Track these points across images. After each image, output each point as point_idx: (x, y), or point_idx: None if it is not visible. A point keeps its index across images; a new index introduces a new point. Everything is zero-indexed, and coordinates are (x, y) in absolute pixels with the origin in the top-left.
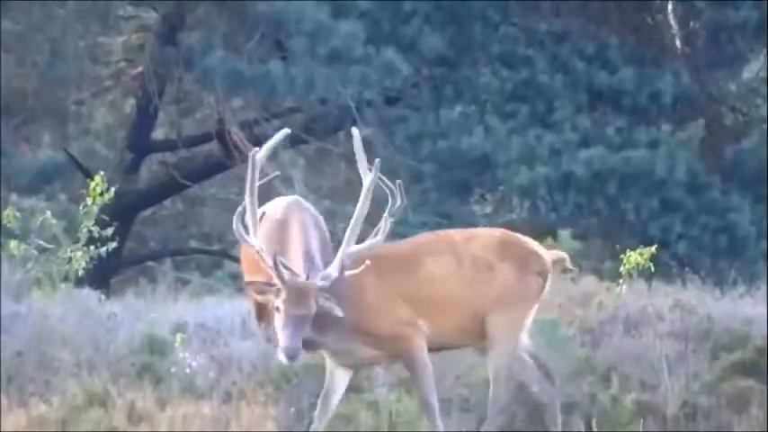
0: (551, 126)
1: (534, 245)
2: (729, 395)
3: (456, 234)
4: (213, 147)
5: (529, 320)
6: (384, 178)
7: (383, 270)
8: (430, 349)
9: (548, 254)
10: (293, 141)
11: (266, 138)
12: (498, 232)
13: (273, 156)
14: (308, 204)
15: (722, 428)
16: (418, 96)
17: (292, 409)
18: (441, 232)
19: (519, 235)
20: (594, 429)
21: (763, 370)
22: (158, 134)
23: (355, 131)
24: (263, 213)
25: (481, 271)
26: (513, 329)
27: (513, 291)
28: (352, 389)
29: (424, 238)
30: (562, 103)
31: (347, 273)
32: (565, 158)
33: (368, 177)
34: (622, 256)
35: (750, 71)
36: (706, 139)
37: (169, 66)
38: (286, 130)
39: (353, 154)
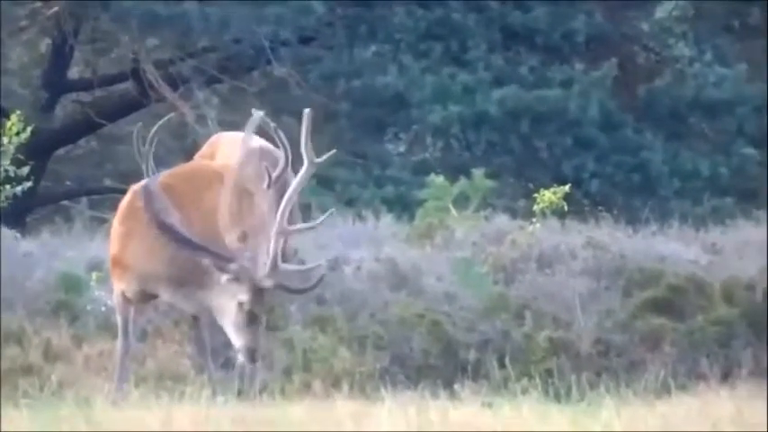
0: (465, 65)
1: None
2: (642, 332)
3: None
4: (128, 86)
5: None
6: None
7: (187, 202)
8: None
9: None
10: (208, 81)
11: (181, 77)
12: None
13: (188, 95)
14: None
15: (635, 366)
16: (333, 35)
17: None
18: (204, 163)
19: None
20: (508, 366)
21: (675, 307)
22: (74, 73)
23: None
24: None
25: (244, 199)
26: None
27: (267, 219)
28: (268, 327)
29: (201, 166)
30: (476, 42)
31: None
32: (478, 97)
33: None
34: (536, 194)
35: (663, 10)
36: (619, 78)
37: (85, 5)
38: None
39: (268, 93)
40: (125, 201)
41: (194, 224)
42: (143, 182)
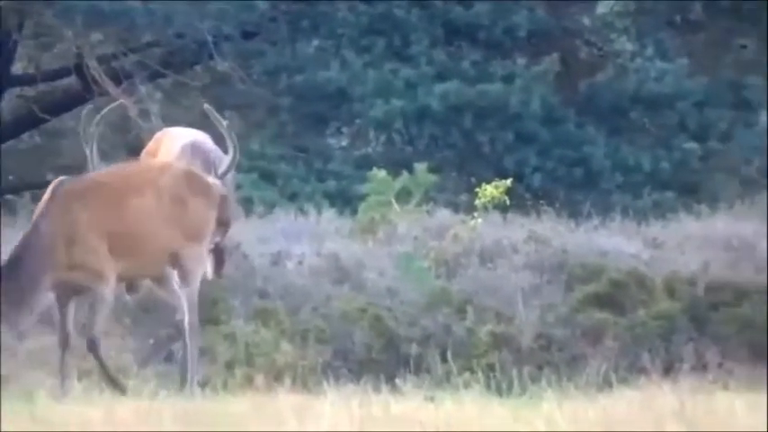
0: (407, 60)
1: (209, 177)
2: (584, 327)
3: (153, 163)
4: (72, 81)
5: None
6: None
7: (95, 204)
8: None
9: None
10: (151, 75)
11: (124, 72)
12: (183, 165)
13: (131, 90)
14: None
15: (576, 360)
16: (275, 30)
17: (150, 341)
18: (142, 163)
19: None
20: (450, 360)
21: (617, 302)
22: (17, 68)
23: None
24: None
25: (176, 205)
26: (202, 259)
27: (201, 224)
28: (210, 321)
29: (130, 168)
30: (418, 37)
31: None
32: (420, 92)
33: None
34: (478, 188)
35: (605, 5)
36: (561, 73)
37: (29, 1)
38: None
39: (210, 88)
40: (45, 194)
41: (109, 227)
42: (61, 178)
